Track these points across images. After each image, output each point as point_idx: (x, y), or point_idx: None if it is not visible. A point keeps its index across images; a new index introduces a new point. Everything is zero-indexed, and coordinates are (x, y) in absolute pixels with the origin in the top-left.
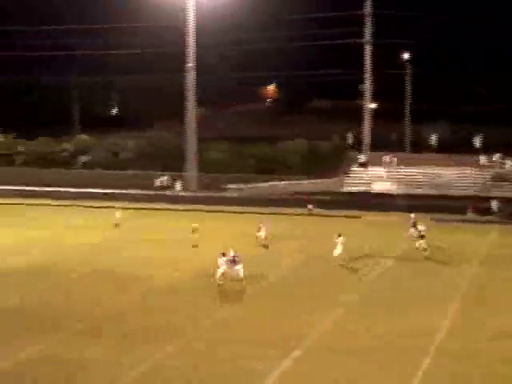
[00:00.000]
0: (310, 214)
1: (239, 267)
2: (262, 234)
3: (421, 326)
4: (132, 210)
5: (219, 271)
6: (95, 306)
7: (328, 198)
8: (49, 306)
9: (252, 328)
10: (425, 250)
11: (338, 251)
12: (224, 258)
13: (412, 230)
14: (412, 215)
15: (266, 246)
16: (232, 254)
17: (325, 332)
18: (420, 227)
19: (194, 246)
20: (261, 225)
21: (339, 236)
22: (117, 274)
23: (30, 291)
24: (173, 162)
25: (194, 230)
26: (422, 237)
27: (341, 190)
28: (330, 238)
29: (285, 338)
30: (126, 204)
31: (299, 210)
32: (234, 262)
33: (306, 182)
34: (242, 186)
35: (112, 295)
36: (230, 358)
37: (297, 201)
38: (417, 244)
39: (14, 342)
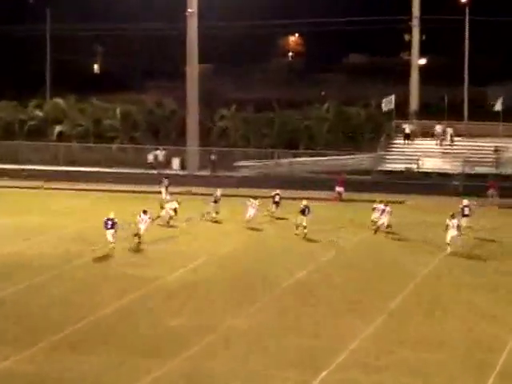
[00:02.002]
0: (340, 199)
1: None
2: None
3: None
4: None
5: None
6: None
7: (365, 177)
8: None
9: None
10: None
11: (451, 233)
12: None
13: (463, 219)
14: (465, 201)
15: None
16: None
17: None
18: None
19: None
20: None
21: (452, 217)
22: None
23: None
24: (171, 134)
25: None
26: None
27: (380, 168)
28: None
29: None
30: (110, 186)
31: (326, 194)
32: None
33: (335, 157)
34: (256, 163)
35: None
36: None
37: (324, 182)
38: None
39: None
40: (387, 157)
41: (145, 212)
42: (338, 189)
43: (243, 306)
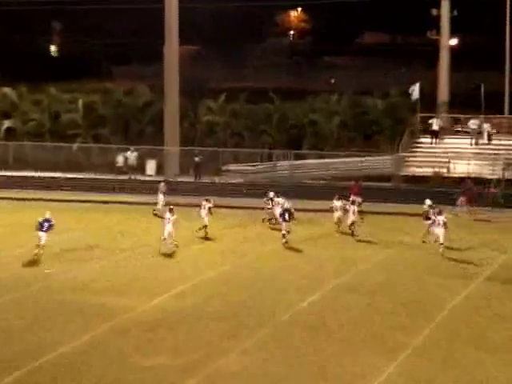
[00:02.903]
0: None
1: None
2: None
3: None
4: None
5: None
6: None
7: (384, 184)
8: None
9: None
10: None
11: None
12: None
13: None
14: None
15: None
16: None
17: None
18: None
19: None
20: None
21: (439, 214)
22: None
23: None
24: (145, 131)
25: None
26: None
27: (400, 172)
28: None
29: None
30: (69, 195)
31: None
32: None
33: (348, 160)
34: (250, 166)
35: None
36: None
37: (334, 190)
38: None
39: None
40: (411, 159)
41: (171, 210)
42: (353, 198)
43: (234, 341)
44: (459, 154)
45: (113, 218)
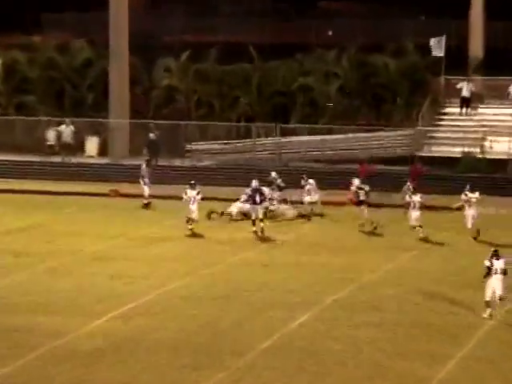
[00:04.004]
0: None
1: None
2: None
3: None
4: None
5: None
6: None
7: (400, 169)
8: None
9: None
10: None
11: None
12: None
13: None
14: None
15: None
16: None
17: None
18: None
19: None
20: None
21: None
22: None
23: None
24: (84, 99)
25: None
26: None
27: (420, 153)
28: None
29: None
30: None
31: (337, 194)
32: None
33: (351, 136)
34: (222, 145)
35: None
36: None
37: (333, 175)
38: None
39: None
40: (434, 135)
41: (192, 186)
42: (356, 186)
43: (199, 377)
44: (497, 128)
45: (43, 213)
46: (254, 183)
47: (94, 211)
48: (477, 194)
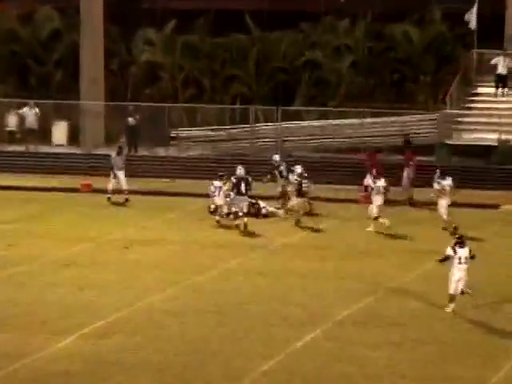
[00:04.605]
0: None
1: None
2: None
3: None
4: None
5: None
6: None
7: (422, 159)
8: None
9: None
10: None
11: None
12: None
13: None
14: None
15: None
16: None
17: None
18: None
19: None
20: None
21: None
22: None
23: None
24: (51, 77)
25: None
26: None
27: (448, 140)
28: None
29: None
30: None
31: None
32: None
33: (367, 121)
34: (214, 131)
35: None
36: None
37: (344, 167)
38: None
39: None
40: (464, 119)
41: (221, 177)
42: (370, 181)
43: None
44: None
45: (1, 213)
46: (239, 171)
47: (61, 209)
48: (450, 181)
